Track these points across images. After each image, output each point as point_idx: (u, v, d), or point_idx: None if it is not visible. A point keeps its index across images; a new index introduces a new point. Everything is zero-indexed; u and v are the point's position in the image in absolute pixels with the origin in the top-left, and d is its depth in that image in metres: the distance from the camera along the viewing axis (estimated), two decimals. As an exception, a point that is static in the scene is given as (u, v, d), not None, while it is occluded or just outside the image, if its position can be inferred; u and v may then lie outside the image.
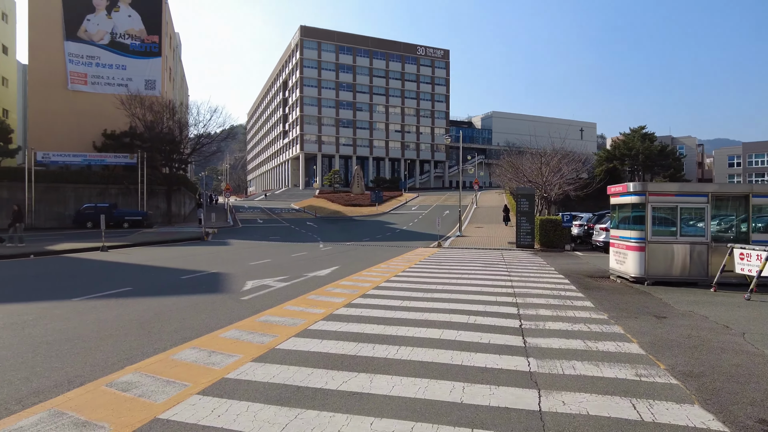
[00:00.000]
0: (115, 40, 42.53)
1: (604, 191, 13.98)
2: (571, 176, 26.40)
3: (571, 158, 27.28)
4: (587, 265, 15.43)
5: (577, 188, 26.84)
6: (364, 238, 26.88)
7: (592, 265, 15.43)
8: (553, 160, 26.78)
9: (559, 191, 24.85)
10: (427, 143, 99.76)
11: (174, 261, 15.05)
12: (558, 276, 12.39)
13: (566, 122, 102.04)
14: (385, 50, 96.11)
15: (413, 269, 13.15)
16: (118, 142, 40.08)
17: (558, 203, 32.87)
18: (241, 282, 10.54)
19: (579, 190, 27.04)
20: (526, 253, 19.39)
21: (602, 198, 30.28)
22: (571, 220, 21.18)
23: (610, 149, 69.60)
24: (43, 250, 17.10)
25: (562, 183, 25.05)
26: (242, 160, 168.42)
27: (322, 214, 49.30)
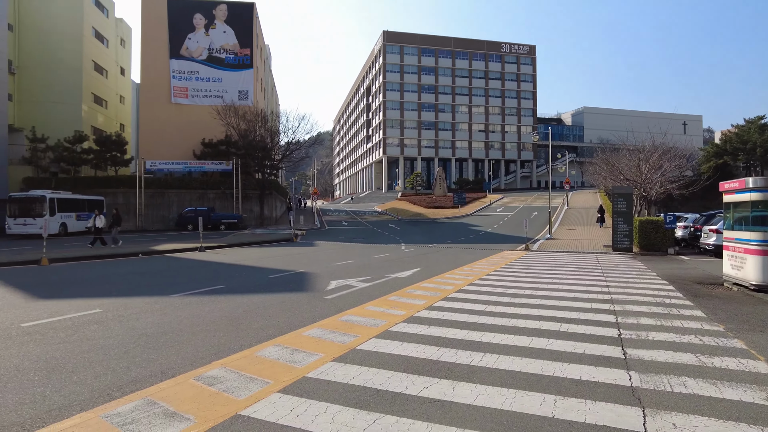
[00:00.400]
0: (212, 55, 45.84)
1: (710, 190, 12.56)
2: (673, 174, 24.01)
3: (674, 154, 24.83)
4: (695, 270, 13.90)
5: (681, 186, 24.34)
6: (446, 240, 26.47)
7: (701, 270, 13.87)
8: (653, 156, 24.54)
9: (661, 190, 22.69)
10: (512, 142, 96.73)
11: (264, 261, 15.71)
12: (661, 282, 11.24)
13: (666, 116, 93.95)
14: (467, 49, 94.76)
15: (499, 272, 12.61)
16: (215, 150, 43.06)
17: (659, 203, 30.14)
18: (325, 281, 10.70)
19: (682, 189, 24.54)
20: (623, 257, 17.93)
21: (709, 197, 27.26)
22: (674, 221, 19.26)
23: (720, 143, 62.82)
24: (149, 250, 18.68)
25: (664, 181, 22.84)
26: (329, 165, 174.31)
27: (404, 216, 49.45)
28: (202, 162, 42.07)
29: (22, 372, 4.68)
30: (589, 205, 49.90)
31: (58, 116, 44.00)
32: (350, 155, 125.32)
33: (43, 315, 7.20)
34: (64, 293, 9.30)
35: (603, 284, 10.51)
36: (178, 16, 45.66)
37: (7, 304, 8.15)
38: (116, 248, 19.68)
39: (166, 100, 45.20)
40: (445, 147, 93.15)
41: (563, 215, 41.30)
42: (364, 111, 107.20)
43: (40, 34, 44.48)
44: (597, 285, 10.38)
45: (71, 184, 38.71)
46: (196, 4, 46.20)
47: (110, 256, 16.93)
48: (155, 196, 40.18)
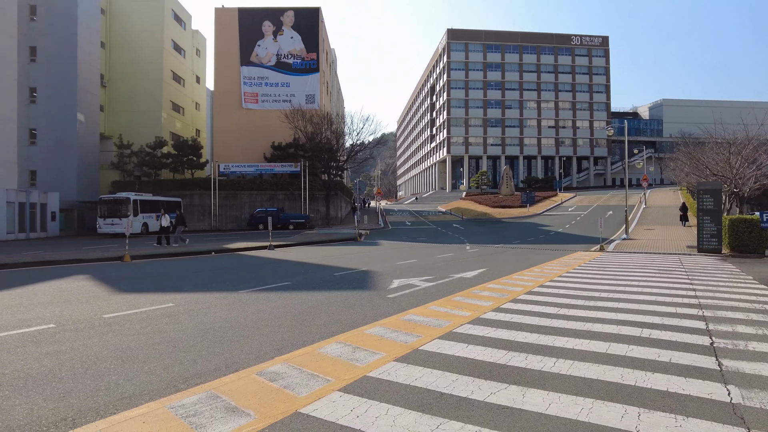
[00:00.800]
0: (280, 61, 47.41)
1: None
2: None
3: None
4: None
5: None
6: (514, 240, 25.60)
7: None
8: (746, 148, 22.23)
9: (756, 186, 20.48)
10: (584, 138, 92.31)
11: (329, 259, 15.90)
12: (759, 287, 10.11)
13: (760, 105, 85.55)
14: (535, 44, 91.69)
15: (572, 274, 11.92)
16: (284, 152, 44.48)
17: (752, 201, 27.35)
18: (388, 280, 10.59)
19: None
20: (711, 259, 16.42)
21: None
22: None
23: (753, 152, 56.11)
24: (222, 248, 19.52)
25: (759, 176, 20.59)
26: (392, 165, 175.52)
27: (469, 216, 48.56)
28: (271, 164, 43.61)
29: (101, 360, 4.91)
30: (669, 204, 46.61)
31: (141, 124, 47.38)
32: (414, 155, 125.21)
33: (122, 307, 7.62)
34: (141, 287, 9.84)
35: (689, 287, 9.60)
36: (248, 24, 47.65)
37: (93, 296, 8.73)
38: (190, 246, 20.74)
39: (238, 106, 47.31)
40: (512, 144, 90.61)
41: (641, 214, 38.76)
42: (427, 110, 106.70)
43: (127, 49, 48.14)
44: (681, 288, 9.49)
45: (152, 187, 41.52)
46: (264, 12, 47.99)
47: (185, 254, 17.85)
48: (228, 198, 42.14)
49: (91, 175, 41.25)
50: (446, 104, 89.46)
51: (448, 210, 56.13)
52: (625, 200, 28.98)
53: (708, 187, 18.51)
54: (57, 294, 8.96)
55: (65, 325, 6.43)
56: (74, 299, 8.39)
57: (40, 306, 7.77)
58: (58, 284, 10.27)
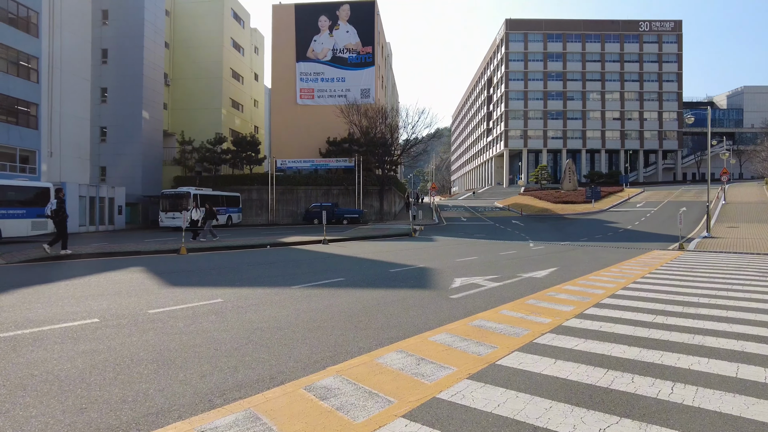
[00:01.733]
0: (335, 56, 47.29)
1: None
2: None
3: None
4: None
5: None
6: (581, 238, 23.91)
7: None
8: None
9: None
10: (653, 130, 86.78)
11: (383, 255, 15.21)
12: None
13: None
14: (599, 31, 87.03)
15: (655, 275, 10.55)
16: (338, 147, 44.38)
17: None
18: (448, 279, 9.72)
19: None
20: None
21: None
22: None
23: None
24: (277, 242, 19.33)
25: None
26: (447, 161, 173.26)
27: (529, 212, 46.52)
28: (326, 159, 43.64)
29: (135, 363, 4.41)
30: (753, 200, 42.57)
31: (202, 121, 48.83)
32: (469, 150, 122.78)
33: (169, 302, 7.23)
34: (193, 281, 9.52)
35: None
36: (305, 20, 47.85)
37: (143, 289, 8.46)
38: (247, 239, 20.69)
39: (294, 102, 47.67)
40: (574, 138, 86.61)
41: (720, 211, 35.51)
42: (484, 103, 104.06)
43: (189, 48, 49.73)
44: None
45: (212, 182, 42.68)
46: (321, 7, 48.03)
47: (241, 247, 17.75)
48: (285, 193, 42.56)
49: (155, 170, 42.88)
50: (504, 96, 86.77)
51: (505, 206, 54.19)
52: (707, 194, 26.48)
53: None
54: (110, 286, 8.78)
55: (109, 320, 6.06)
56: (125, 292, 8.13)
57: (91, 298, 7.54)
58: (113, 276, 10.16)
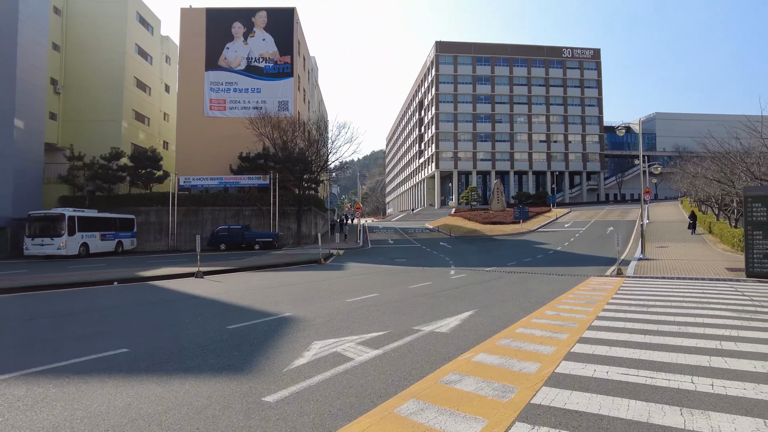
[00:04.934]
0: (250, 65, 43.40)
1: None
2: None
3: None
4: None
5: None
6: (509, 261, 21.38)
7: None
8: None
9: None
10: (577, 152, 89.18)
11: (253, 294, 11.51)
12: None
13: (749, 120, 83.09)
14: (526, 56, 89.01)
15: (607, 320, 7.66)
16: (252, 164, 40.21)
17: None
18: (303, 344, 6.20)
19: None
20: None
21: None
22: None
23: None
24: (132, 276, 15.06)
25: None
26: (381, 183, 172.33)
27: (458, 233, 44.39)
28: (237, 177, 39.28)
29: None
30: (673, 219, 42.92)
31: (100, 134, 43.00)
32: (402, 171, 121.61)
33: None
34: None
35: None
36: (217, 25, 43.78)
37: None
38: (92, 273, 16.21)
39: (202, 114, 43.10)
40: (502, 159, 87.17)
41: (646, 230, 34.82)
42: (416, 125, 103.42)
43: (85, 53, 43.95)
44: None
45: (105, 203, 37.06)
46: (234, 13, 44.20)
47: (82, 284, 13.37)
48: (189, 214, 37.68)
49: (33, 189, 36.45)
50: (435, 118, 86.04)
51: (435, 227, 51.97)
52: (640, 214, 25.03)
53: (759, 193, 14.46)
54: None
55: None
56: None
57: None
58: None
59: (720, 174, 21.19)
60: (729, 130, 21.21)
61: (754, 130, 18.31)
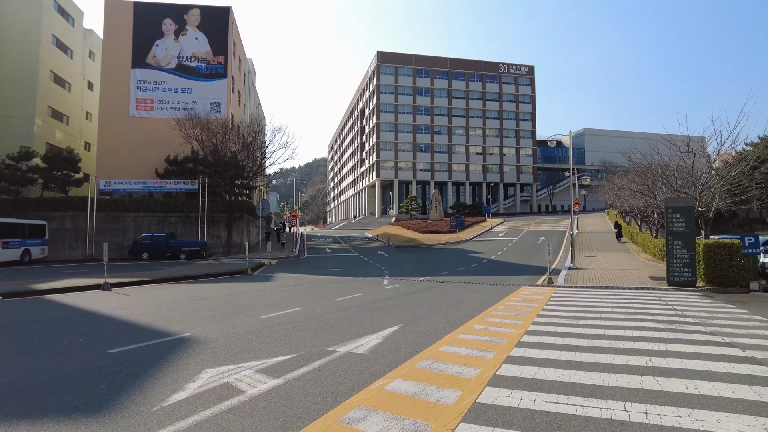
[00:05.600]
0: (181, 64, 41.15)
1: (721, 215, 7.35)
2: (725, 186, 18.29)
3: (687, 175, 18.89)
4: None
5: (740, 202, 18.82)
6: (444, 270, 21.10)
7: None
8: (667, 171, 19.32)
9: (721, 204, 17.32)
10: (511, 165, 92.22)
11: (159, 310, 10.27)
12: None
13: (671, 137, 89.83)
14: (464, 70, 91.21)
15: (537, 334, 7.23)
16: (180, 168, 37.94)
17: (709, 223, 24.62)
18: (191, 372, 5.21)
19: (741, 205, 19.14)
20: (693, 296, 12.58)
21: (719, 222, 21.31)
22: (757, 244, 13.98)
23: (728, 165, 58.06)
24: (25, 290, 13.21)
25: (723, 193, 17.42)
26: (322, 191, 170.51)
27: (396, 242, 44.09)
28: (163, 181, 36.88)
29: None
30: (600, 229, 44.93)
31: (8, 131, 39.13)
32: (344, 180, 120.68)
33: None
34: None
35: (735, 352, 5.24)
36: (146, 21, 41.20)
37: None
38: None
39: (128, 114, 40.27)
40: (441, 170, 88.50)
41: (575, 240, 36.06)
42: (357, 134, 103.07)
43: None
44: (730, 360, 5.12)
45: (13, 207, 33.47)
46: (165, 8, 41.81)
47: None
48: (109, 221, 34.80)
49: None
50: (376, 128, 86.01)
51: (375, 236, 51.45)
52: (570, 224, 25.61)
53: (678, 204, 14.96)
54: None
55: None
56: None
57: None
58: None
59: (643, 186, 22.07)
60: (651, 146, 22.20)
61: (673, 144, 19.15)
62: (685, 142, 18.63)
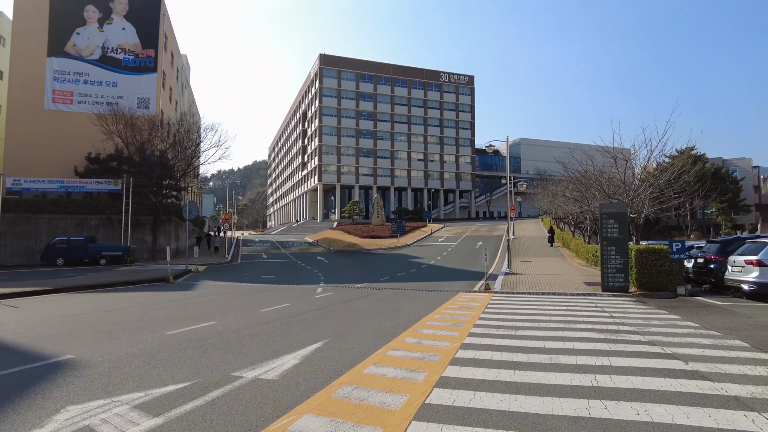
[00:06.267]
0: (106, 55, 38.18)
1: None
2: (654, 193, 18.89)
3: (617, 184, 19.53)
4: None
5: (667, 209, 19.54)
6: (382, 276, 20.44)
7: None
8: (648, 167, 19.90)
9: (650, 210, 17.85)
10: (451, 172, 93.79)
11: (48, 325, 8.80)
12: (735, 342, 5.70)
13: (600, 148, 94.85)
14: (407, 77, 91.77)
15: (474, 348, 6.61)
16: (103, 166, 35.09)
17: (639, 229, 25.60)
18: (47, 411, 4.06)
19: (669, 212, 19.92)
20: (627, 301, 12.61)
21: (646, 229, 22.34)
22: (684, 249, 14.33)
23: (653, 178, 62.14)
24: None
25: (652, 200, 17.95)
26: (263, 194, 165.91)
27: (337, 247, 43.08)
28: (83, 181, 33.91)
29: None
30: (535, 235, 46.20)
31: None
32: (285, 183, 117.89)
33: None
34: None
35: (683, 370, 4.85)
36: (64, 6, 37.91)
37: None
38: None
39: (43, 106, 36.78)
40: (384, 175, 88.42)
41: (512, 246, 36.65)
42: (299, 137, 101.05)
43: None
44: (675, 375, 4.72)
45: None
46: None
47: None
48: (19, 222, 31.43)
49: None
50: (318, 131, 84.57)
51: (315, 240, 50.15)
52: (507, 229, 25.77)
53: (612, 210, 15.12)
54: None
55: None
56: None
57: None
58: None
59: (577, 193, 22.48)
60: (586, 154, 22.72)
61: (607, 152, 19.56)
62: (619, 151, 19.10)
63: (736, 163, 74.90)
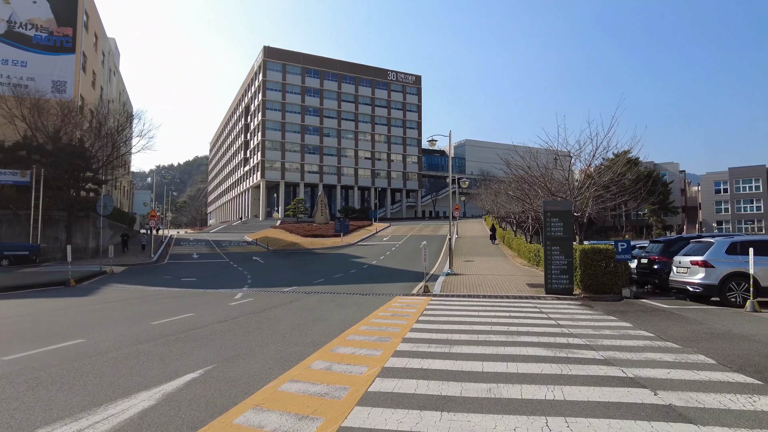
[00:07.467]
0: (12, 30, 34.16)
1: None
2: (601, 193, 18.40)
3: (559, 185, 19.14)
4: (747, 335, 7.77)
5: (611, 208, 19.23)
6: (317, 278, 18.89)
7: (752, 332, 7.80)
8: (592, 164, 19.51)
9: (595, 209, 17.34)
10: (398, 171, 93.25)
11: None
12: (751, 380, 4.74)
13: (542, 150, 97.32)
14: (354, 74, 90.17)
15: (396, 374, 5.24)
16: (9, 155, 31.22)
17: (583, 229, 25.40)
18: None
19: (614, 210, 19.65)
20: (573, 306, 11.76)
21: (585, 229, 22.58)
22: (629, 249, 13.74)
23: (596, 176, 64.21)
24: None
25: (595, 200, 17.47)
26: (204, 191, 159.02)
27: (276, 246, 40.97)
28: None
29: None
30: (478, 234, 46.08)
31: None
32: (226, 180, 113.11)
33: None
34: None
35: (654, 404, 3.76)
36: (-38, -27, 33.58)
37: None
38: None
39: (-66, 85, 32.38)
40: (330, 173, 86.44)
41: (455, 245, 36.04)
42: (242, 132, 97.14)
43: None
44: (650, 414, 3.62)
45: None
46: (-8, -38, 34.51)
47: None
48: None
49: None
50: (261, 125, 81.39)
51: (254, 240, 47.68)
52: (449, 229, 24.86)
53: (556, 208, 14.31)
54: None
55: None
56: None
57: None
58: None
59: (519, 191, 21.85)
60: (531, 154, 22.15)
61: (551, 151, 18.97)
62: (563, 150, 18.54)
63: (666, 167, 78.68)
